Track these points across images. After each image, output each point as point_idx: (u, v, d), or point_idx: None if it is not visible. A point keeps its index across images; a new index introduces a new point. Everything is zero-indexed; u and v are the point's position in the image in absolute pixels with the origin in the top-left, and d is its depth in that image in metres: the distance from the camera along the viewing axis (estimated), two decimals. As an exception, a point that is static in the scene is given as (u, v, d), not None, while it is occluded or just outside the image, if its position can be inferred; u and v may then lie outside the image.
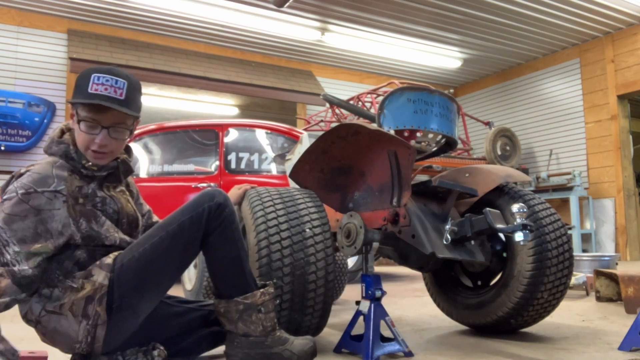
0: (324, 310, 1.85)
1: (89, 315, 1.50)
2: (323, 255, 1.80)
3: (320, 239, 1.82)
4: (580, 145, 7.50)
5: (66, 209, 1.52)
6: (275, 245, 1.78)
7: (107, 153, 1.61)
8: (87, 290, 1.51)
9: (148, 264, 1.54)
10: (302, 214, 1.86)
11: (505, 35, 7.17)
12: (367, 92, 6.40)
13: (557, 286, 2.00)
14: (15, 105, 5.91)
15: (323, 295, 1.81)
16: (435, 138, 2.13)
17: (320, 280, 1.79)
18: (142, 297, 1.55)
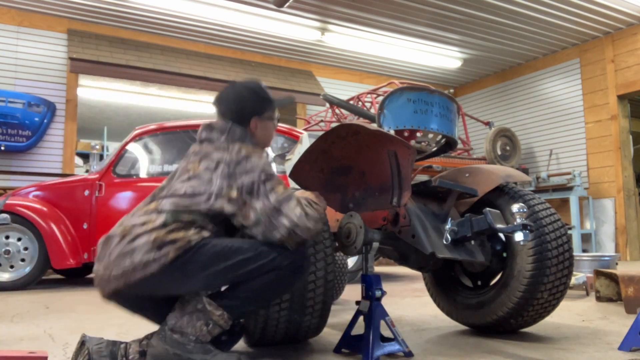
0: (324, 311, 1.85)
1: (160, 251, 1.61)
2: (322, 256, 1.80)
3: (320, 238, 1.82)
4: (580, 145, 7.50)
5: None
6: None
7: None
8: (178, 235, 1.64)
9: (218, 263, 1.64)
10: None
11: (505, 35, 7.17)
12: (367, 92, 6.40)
13: (557, 286, 2.00)
14: (15, 105, 5.91)
15: (322, 296, 1.81)
16: (435, 138, 2.13)
17: (319, 280, 1.78)
18: (195, 277, 1.64)
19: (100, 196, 4.44)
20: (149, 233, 1.65)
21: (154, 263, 1.60)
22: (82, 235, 4.38)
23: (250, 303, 1.69)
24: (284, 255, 1.64)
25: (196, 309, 1.65)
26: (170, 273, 1.62)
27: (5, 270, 4.16)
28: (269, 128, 1.95)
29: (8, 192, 4.72)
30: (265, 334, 1.84)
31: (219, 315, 1.65)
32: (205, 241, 1.66)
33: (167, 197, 1.75)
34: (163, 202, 1.74)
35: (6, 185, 5.77)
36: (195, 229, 1.68)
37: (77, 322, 2.60)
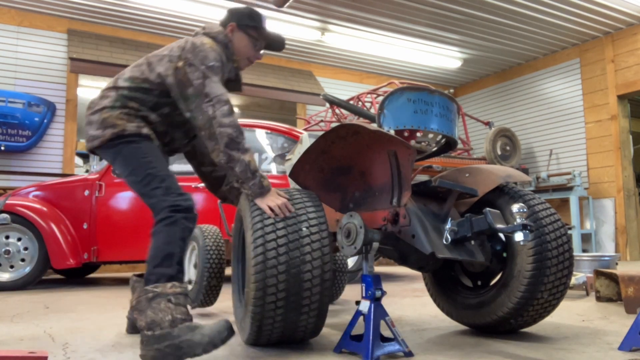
0: (321, 310, 1.84)
1: (104, 131, 2.01)
2: (319, 255, 1.80)
3: (317, 237, 1.81)
4: (580, 145, 7.50)
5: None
6: (270, 244, 1.77)
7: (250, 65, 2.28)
8: (119, 122, 2.01)
9: (133, 163, 1.99)
10: (299, 212, 1.86)
11: (505, 35, 7.17)
12: (367, 92, 6.40)
13: (557, 286, 2.00)
14: (15, 105, 5.91)
15: (319, 295, 1.80)
16: (435, 138, 2.13)
17: (316, 279, 1.78)
18: (122, 169, 2.03)
19: (100, 196, 4.44)
20: (101, 111, 2.03)
21: (97, 139, 2.00)
22: (82, 235, 4.38)
23: (170, 256, 1.79)
24: (176, 197, 1.89)
25: (149, 298, 1.71)
26: (108, 152, 2.01)
27: (5, 270, 4.16)
28: (243, 41, 2.23)
29: (8, 192, 4.72)
30: (261, 333, 1.84)
31: (170, 287, 1.73)
32: (136, 138, 2.00)
33: (130, 68, 2.12)
34: (123, 77, 2.10)
35: (6, 185, 5.77)
36: (137, 122, 2.02)
37: (77, 322, 2.60)
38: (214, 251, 2.59)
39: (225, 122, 1.92)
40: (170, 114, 2.11)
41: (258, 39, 2.26)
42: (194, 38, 2.13)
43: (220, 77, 2.06)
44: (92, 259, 4.38)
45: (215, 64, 2.04)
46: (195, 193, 4.49)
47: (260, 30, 2.25)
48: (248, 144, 1.96)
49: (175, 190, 1.93)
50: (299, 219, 1.84)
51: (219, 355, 1.85)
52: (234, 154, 1.91)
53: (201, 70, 2.00)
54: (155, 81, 2.07)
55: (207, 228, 2.72)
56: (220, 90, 1.99)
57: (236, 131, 1.92)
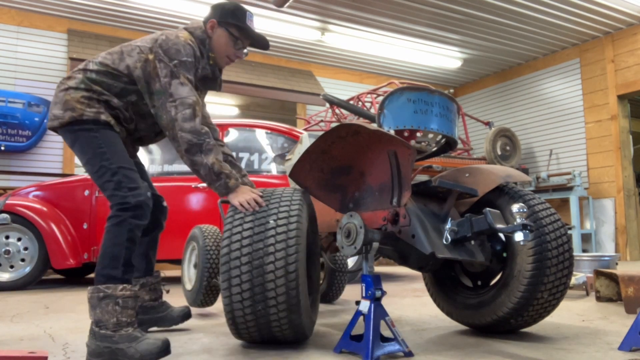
0: (290, 304, 1.80)
1: (64, 112, 1.99)
2: (283, 246, 1.79)
3: (283, 230, 1.82)
4: (580, 145, 7.50)
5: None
6: (236, 236, 1.83)
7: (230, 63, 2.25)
8: (79, 106, 1.98)
9: (89, 152, 1.98)
10: (270, 207, 1.91)
11: (505, 35, 7.17)
12: (367, 92, 6.40)
13: (557, 286, 2.00)
14: (15, 105, 5.91)
15: (285, 287, 1.77)
16: (435, 138, 2.13)
17: (279, 270, 1.77)
18: (81, 157, 2.01)
19: (100, 196, 4.44)
20: (65, 92, 2.00)
21: (57, 120, 1.98)
22: (82, 235, 4.38)
23: (115, 258, 1.82)
24: (126, 193, 1.89)
25: (100, 298, 1.78)
26: (67, 136, 2.00)
27: (5, 270, 4.16)
28: (223, 38, 2.18)
29: (8, 192, 4.72)
30: (237, 326, 1.86)
31: (120, 290, 1.80)
32: (94, 126, 1.97)
33: (103, 54, 2.10)
34: (94, 60, 2.07)
35: (6, 185, 5.77)
36: (96, 107, 1.99)
37: (77, 322, 2.60)
38: (213, 251, 2.59)
39: (186, 127, 1.92)
40: (137, 103, 2.08)
41: (239, 38, 2.20)
42: (170, 31, 2.10)
43: (192, 73, 2.05)
44: (92, 259, 4.38)
45: (188, 59, 2.02)
46: (195, 193, 4.49)
47: (242, 30, 2.19)
48: (212, 144, 1.96)
49: (126, 184, 1.91)
50: (269, 212, 1.88)
51: (219, 355, 1.85)
52: (196, 159, 1.94)
53: (170, 67, 1.98)
54: (124, 72, 2.05)
55: (207, 228, 2.72)
56: (185, 93, 1.97)
57: (196, 136, 1.93)
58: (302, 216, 1.89)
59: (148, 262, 2.36)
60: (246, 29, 2.20)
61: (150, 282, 2.36)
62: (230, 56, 2.23)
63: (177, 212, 4.35)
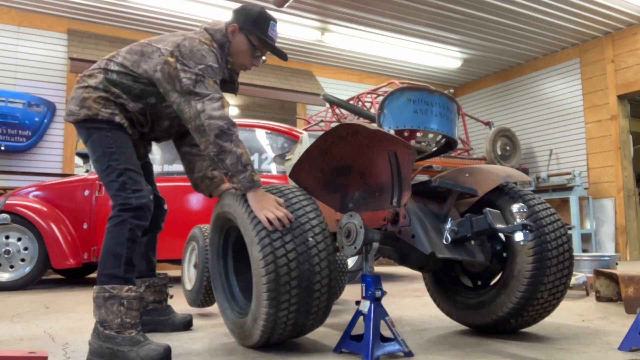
0: (327, 310, 1.88)
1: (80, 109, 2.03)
2: (327, 264, 1.79)
3: (323, 246, 1.80)
4: (580, 145, 7.50)
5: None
6: (281, 260, 1.73)
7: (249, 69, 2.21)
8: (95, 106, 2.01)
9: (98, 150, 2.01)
10: (302, 221, 1.82)
11: (505, 35, 7.17)
12: (367, 92, 6.40)
13: (557, 286, 2.00)
14: (15, 105, 5.91)
15: (326, 302, 1.84)
16: (435, 138, 2.13)
17: (324, 288, 1.80)
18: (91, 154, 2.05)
19: (100, 196, 4.44)
20: (84, 89, 2.03)
21: (72, 116, 2.02)
22: (82, 235, 4.38)
23: (117, 257, 1.85)
24: (129, 194, 1.91)
25: (105, 298, 1.79)
26: (82, 132, 2.03)
27: (5, 270, 4.16)
28: (242, 45, 2.15)
29: (8, 192, 4.72)
30: (270, 339, 1.84)
31: (126, 290, 1.81)
32: (107, 125, 2.00)
33: (125, 51, 2.09)
34: (115, 60, 2.07)
35: (6, 185, 5.78)
36: (112, 108, 2.01)
37: (77, 322, 2.60)
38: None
39: (216, 115, 1.88)
40: (156, 105, 2.08)
41: (258, 47, 2.17)
42: (192, 35, 2.06)
43: (219, 79, 2.03)
44: (92, 259, 4.38)
45: (214, 64, 2.00)
46: (195, 193, 4.49)
47: (263, 41, 2.15)
48: (239, 138, 1.93)
49: (130, 186, 1.93)
50: (304, 228, 1.80)
51: (219, 355, 1.85)
52: (226, 145, 1.87)
53: (194, 72, 1.95)
54: (142, 74, 2.04)
55: (207, 228, 2.72)
56: (212, 90, 1.94)
57: (227, 123, 1.88)
58: (326, 224, 1.87)
59: (149, 262, 2.36)
60: (267, 40, 2.15)
61: (156, 283, 2.36)
62: (247, 64, 2.20)
63: (177, 212, 4.35)
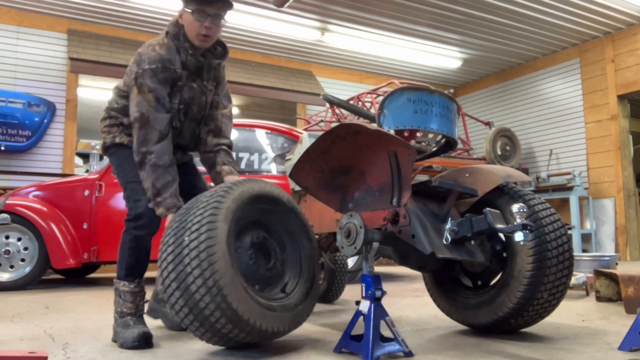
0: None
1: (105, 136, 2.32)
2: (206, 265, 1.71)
3: (195, 244, 1.73)
4: (580, 145, 7.50)
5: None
6: (163, 264, 1.79)
7: (210, 37, 2.19)
8: (106, 135, 2.30)
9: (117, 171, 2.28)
10: (187, 219, 1.81)
11: (505, 35, 7.17)
12: (367, 92, 6.40)
13: (557, 286, 2.00)
14: (15, 105, 5.91)
15: (211, 302, 1.71)
16: (435, 138, 2.13)
17: (202, 288, 1.70)
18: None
19: (100, 196, 4.44)
20: (100, 122, 2.32)
21: (103, 141, 2.31)
22: (82, 235, 4.38)
23: (121, 261, 2.13)
24: (132, 205, 2.12)
25: (115, 289, 2.14)
26: (108, 159, 2.33)
27: (5, 270, 4.16)
28: (187, 20, 2.18)
29: (8, 192, 4.72)
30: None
31: (122, 285, 2.11)
32: (114, 149, 2.25)
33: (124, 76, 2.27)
34: (114, 87, 2.30)
35: (6, 185, 5.77)
36: (114, 132, 2.25)
37: (77, 322, 2.60)
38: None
39: (134, 141, 2.12)
40: None
41: (195, 9, 2.14)
42: (152, 39, 2.24)
43: (162, 77, 2.12)
44: (92, 259, 4.38)
45: (151, 66, 2.09)
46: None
47: (196, 2, 2.14)
48: (152, 162, 2.07)
49: (132, 197, 2.14)
50: (185, 225, 1.80)
51: (219, 355, 1.85)
52: (142, 174, 2.10)
53: (132, 77, 2.13)
54: (126, 90, 2.23)
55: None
56: (133, 107, 2.11)
57: (137, 153, 2.09)
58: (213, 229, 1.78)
59: None
60: None
61: None
62: (200, 32, 2.15)
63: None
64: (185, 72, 2.20)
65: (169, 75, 2.13)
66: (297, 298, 2.00)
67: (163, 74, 2.11)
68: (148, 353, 1.89)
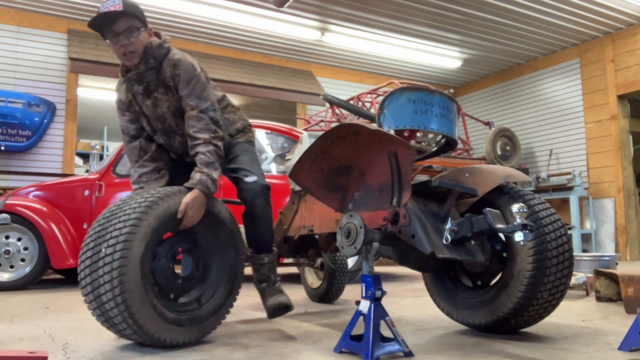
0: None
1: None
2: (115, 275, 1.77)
3: (110, 259, 1.78)
4: (580, 145, 7.50)
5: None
6: (81, 265, 1.85)
7: (132, 52, 2.19)
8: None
9: None
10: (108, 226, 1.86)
11: (505, 35, 7.17)
12: (367, 92, 6.40)
13: (557, 286, 2.00)
14: (15, 105, 5.91)
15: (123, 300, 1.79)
16: (435, 138, 2.13)
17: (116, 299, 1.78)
18: None
19: (100, 196, 4.44)
20: None
21: None
22: (82, 235, 4.38)
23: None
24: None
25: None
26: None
27: (5, 270, 4.16)
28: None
29: (8, 192, 4.72)
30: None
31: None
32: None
33: None
34: None
35: (6, 185, 5.77)
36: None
37: (77, 322, 2.60)
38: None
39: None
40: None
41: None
42: None
43: (123, 109, 2.36)
44: (92, 259, 4.37)
45: (116, 104, 2.41)
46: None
47: (97, 30, 2.22)
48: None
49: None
50: (105, 232, 1.86)
51: (219, 356, 1.85)
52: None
53: None
54: None
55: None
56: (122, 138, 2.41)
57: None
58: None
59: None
60: (95, 27, 2.19)
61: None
62: (121, 53, 2.22)
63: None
64: (138, 94, 2.30)
65: (121, 106, 2.36)
66: (209, 310, 2.06)
67: (119, 106, 2.37)
68: (149, 350, 1.89)
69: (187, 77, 2.22)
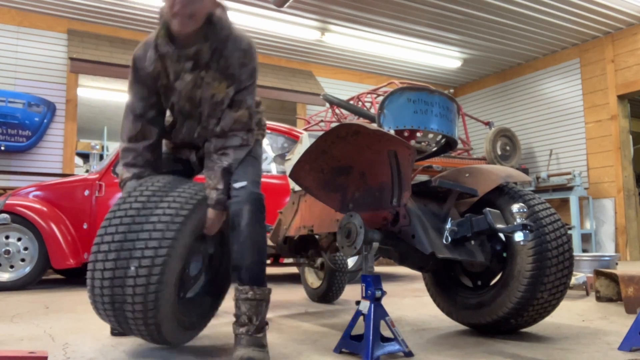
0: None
1: None
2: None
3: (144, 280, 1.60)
4: (580, 145, 7.50)
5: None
6: (97, 273, 1.65)
7: (192, 15, 1.74)
8: None
9: None
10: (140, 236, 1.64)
11: (505, 35, 7.17)
12: (367, 92, 6.40)
13: (557, 286, 2.00)
14: (15, 105, 5.91)
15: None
16: (435, 138, 2.13)
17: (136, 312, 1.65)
18: None
19: (100, 196, 4.44)
20: None
21: None
22: (82, 235, 4.38)
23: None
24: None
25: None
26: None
27: (5, 270, 4.16)
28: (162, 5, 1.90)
29: (8, 192, 4.72)
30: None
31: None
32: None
33: None
34: None
35: (6, 185, 5.77)
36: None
37: (77, 322, 2.60)
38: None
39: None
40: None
41: None
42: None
43: (137, 77, 1.93)
44: (92, 259, 4.37)
45: (130, 71, 1.96)
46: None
47: None
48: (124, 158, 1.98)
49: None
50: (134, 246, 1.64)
51: (219, 356, 1.85)
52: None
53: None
54: None
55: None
56: (124, 114, 2.00)
57: (120, 150, 2.03)
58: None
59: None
60: None
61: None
62: (171, 11, 1.77)
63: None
64: (171, 64, 1.86)
65: (142, 78, 1.90)
66: (200, 312, 2.03)
67: (137, 77, 1.91)
68: (149, 350, 1.89)
69: (252, 71, 1.99)
